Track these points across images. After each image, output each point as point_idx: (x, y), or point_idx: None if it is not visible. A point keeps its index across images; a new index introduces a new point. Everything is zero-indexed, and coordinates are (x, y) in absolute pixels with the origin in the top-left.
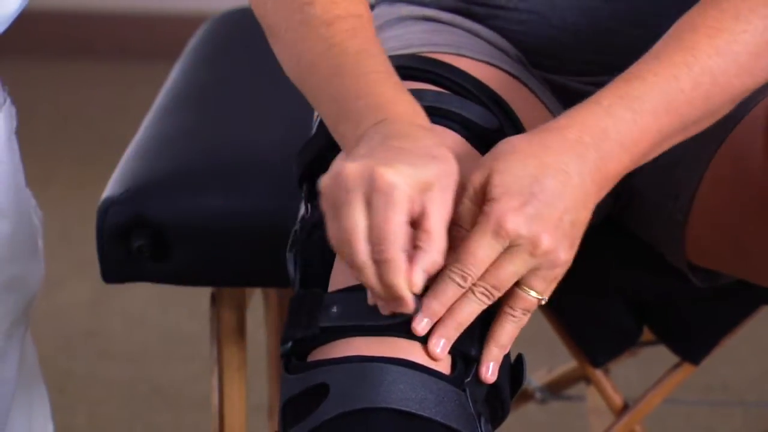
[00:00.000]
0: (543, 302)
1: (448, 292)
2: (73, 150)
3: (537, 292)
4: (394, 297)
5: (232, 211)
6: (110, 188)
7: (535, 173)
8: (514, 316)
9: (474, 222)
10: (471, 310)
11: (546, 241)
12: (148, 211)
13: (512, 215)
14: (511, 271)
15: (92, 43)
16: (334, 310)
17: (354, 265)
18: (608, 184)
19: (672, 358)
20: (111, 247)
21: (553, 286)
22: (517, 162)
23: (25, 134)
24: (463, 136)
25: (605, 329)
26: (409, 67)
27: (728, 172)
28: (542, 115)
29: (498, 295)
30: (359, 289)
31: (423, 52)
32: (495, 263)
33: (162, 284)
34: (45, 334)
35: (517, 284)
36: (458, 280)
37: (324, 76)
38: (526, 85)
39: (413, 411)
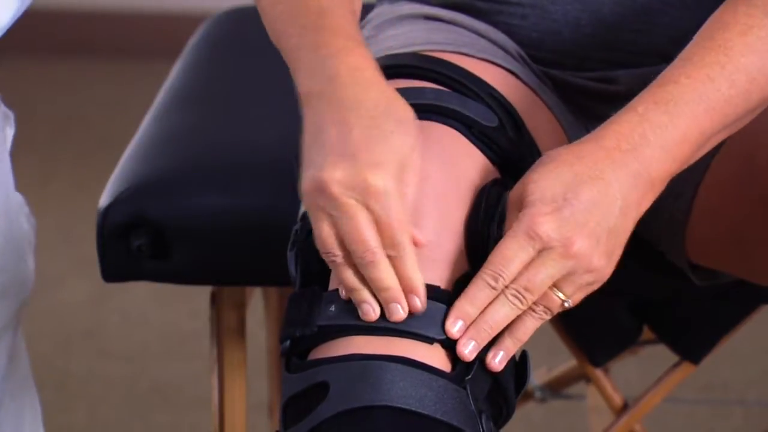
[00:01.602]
0: (567, 306)
1: (481, 295)
2: (72, 149)
3: (564, 294)
4: (411, 290)
5: (232, 210)
6: (110, 187)
7: (569, 182)
8: (535, 312)
9: None
10: (503, 313)
11: (578, 245)
12: (148, 210)
13: (544, 219)
14: (543, 274)
15: (92, 42)
16: (332, 308)
17: (365, 264)
18: (654, 188)
19: (672, 357)
20: (111, 246)
21: (583, 292)
22: (551, 172)
23: (24, 134)
24: (463, 134)
25: (605, 328)
26: (409, 66)
27: (730, 172)
28: (542, 112)
29: (531, 298)
30: None
31: (423, 51)
32: (528, 266)
33: (162, 283)
34: (44, 332)
35: None
36: (490, 281)
37: (290, 21)
38: (526, 83)
39: (413, 409)
